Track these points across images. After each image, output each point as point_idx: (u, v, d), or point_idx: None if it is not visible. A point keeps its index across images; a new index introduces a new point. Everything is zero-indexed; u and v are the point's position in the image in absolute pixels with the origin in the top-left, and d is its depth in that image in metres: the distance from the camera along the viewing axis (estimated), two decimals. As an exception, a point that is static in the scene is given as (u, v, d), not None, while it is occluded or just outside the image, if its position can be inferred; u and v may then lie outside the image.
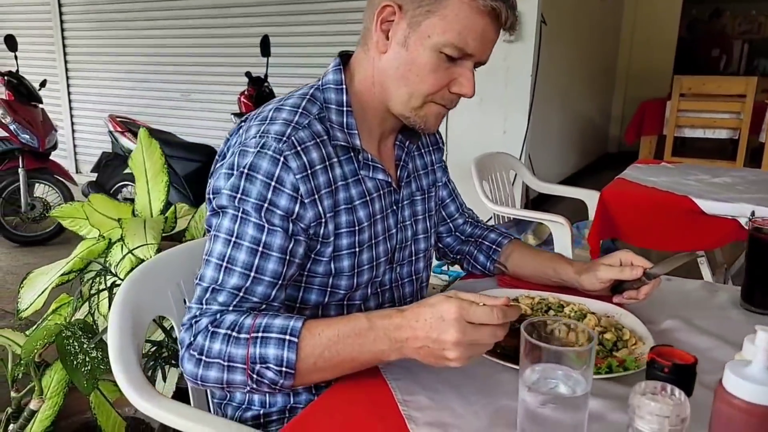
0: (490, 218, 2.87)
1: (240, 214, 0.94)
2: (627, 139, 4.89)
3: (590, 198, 2.83)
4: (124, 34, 5.51)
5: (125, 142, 4.41)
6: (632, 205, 2.27)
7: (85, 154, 6.20)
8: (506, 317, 0.80)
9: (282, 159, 0.95)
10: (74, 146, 6.29)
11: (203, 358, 0.89)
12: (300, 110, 1.02)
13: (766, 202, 2.05)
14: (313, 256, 1.02)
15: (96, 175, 4.65)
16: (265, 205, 0.94)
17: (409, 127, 1.12)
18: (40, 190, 4.60)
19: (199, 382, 0.90)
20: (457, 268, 3.15)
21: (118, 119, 4.51)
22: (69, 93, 6.10)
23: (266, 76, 4.12)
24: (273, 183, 0.94)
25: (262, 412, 1.09)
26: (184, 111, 5.38)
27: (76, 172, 6.21)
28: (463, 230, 1.40)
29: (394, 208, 1.14)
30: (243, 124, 1.05)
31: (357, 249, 1.06)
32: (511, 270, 1.32)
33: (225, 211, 0.96)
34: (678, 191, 2.20)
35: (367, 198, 1.07)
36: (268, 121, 1.00)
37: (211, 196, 0.99)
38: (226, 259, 0.94)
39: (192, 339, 0.91)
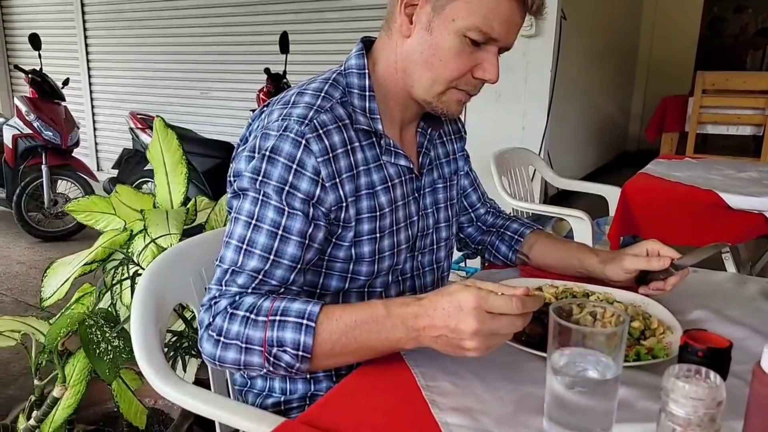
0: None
1: (261, 197, 0.94)
2: (648, 136, 4.83)
3: (611, 194, 2.80)
4: (144, 32, 5.55)
5: (146, 138, 4.44)
6: (655, 199, 2.24)
7: (107, 151, 6.25)
8: (526, 307, 0.78)
9: (304, 142, 0.95)
10: (96, 143, 6.35)
11: (221, 339, 0.90)
12: (323, 94, 1.02)
13: (793, 197, 2.02)
14: (334, 240, 1.02)
15: (117, 171, 4.70)
16: (286, 188, 0.94)
17: (432, 115, 1.11)
18: (63, 186, 4.65)
19: (218, 363, 0.91)
20: (474, 264, 3.13)
21: (139, 116, 4.55)
22: (91, 91, 6.16)
23: (285, 72, 4.13)
24: (294, 166, 0.94)
25: (282, 399, 1.09)
26: (203, 108, 5.41)
27: (98, 169, 6.27)
28: (485, 220, 1.38)
29: (416, 195, 1.13)
30: (266, 108, 1.04)
31: (378, 235, 1.05)
32: (534, 260, 1.30)
33: (246, 194, 0.95)
34: (703, 186, 2.17)
35: (389, 184, 1.06)
36: (290, 105, 1.00)
37: (232, 179, 1.00)
38: (246, 242, 0.93)
39: (211, 320, 0.91)
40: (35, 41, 4.63)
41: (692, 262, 1.07)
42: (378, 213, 1.04)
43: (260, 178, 0.94)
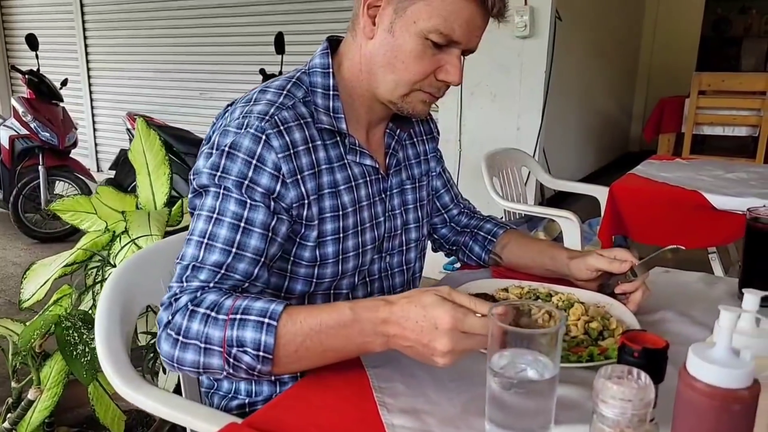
0: (502, 216, 2.85)
1: (221, 191, 0.94)
2: (645, 137, 4.82)
3: (602, 194, 2.79)
4: (144, 33, 5.57)
5: (142, 139, 4.45)
6: (641, 200, 2.24)
7: (106, 152, 6.27)
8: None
9: (264, 137, 0.95)
10: (95, 144, 6.37)
11: (180, 338, 0.86)
12: (285, 92, 1.02)
13: (779, 197, 2.01)
14: (298, 240, 1.02)
15: (114, 172, 4.71)
16: (246, 182, 0.93)
17: (401, 116, 1.11)
18: (60, 187, 4.67)
19: (176, 365, 0.88)
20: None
21: (135, 117, 4.56)
22: (90, 92, 6.18)
23: (281, 73, 4.12)
24: (254, 161, 0.94)
25: (247, 401, 1.09)
26: (201, 109, 5.42)
27: (98, 170, 6.29)
28: (459, 221, 1.38)
29: (383, 196, 1.13)
30: (230, 107, 1.04)
31: (341, 235, 1.05)
32: (506, 260, 1.30)
33: (207, 190, 0.95)
34: (688, 186, 2.16)
35: (353, 183, 1.06)
36: (252, 103, 1.00)
37: (192, 177, 0.99)
38: (207, 236, 0.92)
39: (170, 318, 0.88)
40: (32, 42, 4.65)
41: (648, 269, 1.06)
42: (341, 212, 1.04)
43: (219, 173, 0.94)
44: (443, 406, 0.80)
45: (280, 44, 3.97)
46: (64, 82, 4.85)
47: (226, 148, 0.94)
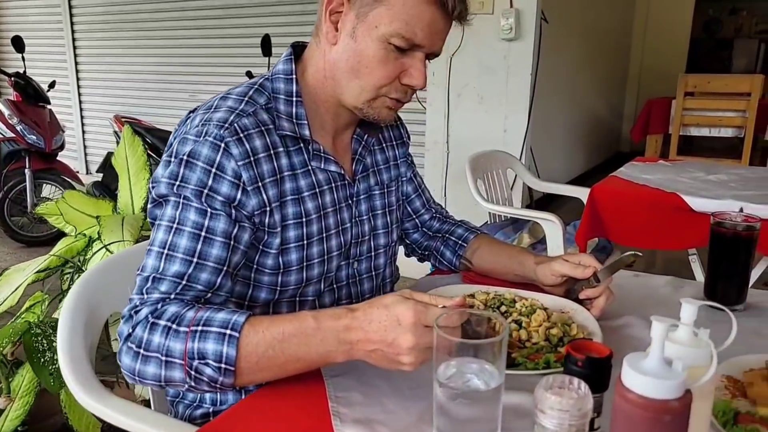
0: (487, 220, 2.85)
1: (181, 201, 0.93)
2: (633, 138, 4.84)
3: (585, 196, 2.80)
4: (133, 35, 5.55)
5: (129, 142, 4.44)
6: (622, 202, 2.24)
7: (95, 154, 6.25)
8: (461, 319, 0.75)
9: (223, 145, 0.94)
10: (84, 147, 6.34)
11: (141, 351, 0.86)
12: (246, 99, 1.01)
13: (757, 199, 2.02)
14: (261, 247, 1.01)
15: (102, 175, 4.69)
16: (205, 191, 0.93)
17: (368, 121, 1.10)
18: (47, 190, 4.64)
19: (137, 378, 0.87)
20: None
21: (123, 119, 4.55)
22: (79, 94, 6.15)
23: (268, 76, 4.13)
24: (213, 169, 0.93)
25: (212, 410, 1.08)
26: (190, 111, 5.40)
27: (86, 173, 6.27)
28: (431, 225, 1.38)
29: (349, 202, 1.13)
30: (192, 114, 1.04)
31: (305, 241, 1.04)
32: (477, 265, 1.30)
33: (167, 200, 0.95)
34: (668, 188, 2.16)
35: (317, 190, 1.06)
36: (212, 110, 1.00)
37: (151, 186, 0.98)
38: (167, 246, 0.91)
39: (131, 330, 0.87)
40: (18, 44, 4.62)
41: (610, 274, 1.06)
42: (304, 219, 1.04)
43: (178, 182, 0.93)
44: (398, 415, 0.80)
45: (266, 46, 3.96)
46: (52, 84, 4.83)
47: (185, 157, 0.94)
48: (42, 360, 1.37)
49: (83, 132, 6.29)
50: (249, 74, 4.10)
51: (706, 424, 0.63)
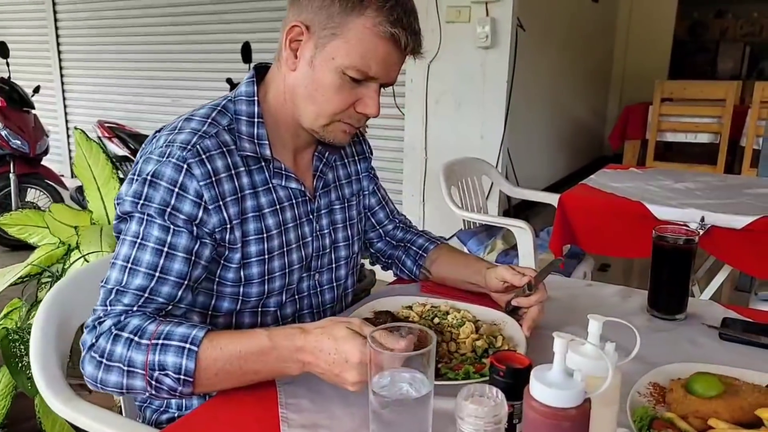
0: (461, 227, 2.91)
1: (145, 217, 0.98)
2: (612, 144, 4.92)
3: (558, 203, 2.86)
4: (117, 40, 5.58)
5: (113, 148, 4.48)
6: (589, 210, 2.30)
7: (80, 158, 6.26)
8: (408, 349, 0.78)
9: (185, 166, 0.99)
10: (69, 151, 6.36)
11: (104, 361, 0.91)
12: (209, 120, 1.06)
13: (719, 208, 2.08)
14: (222, 262, 1.06)
15: (86, 180, 4.71)
16: (168, 209, 0.98)
17: None
18: (32, 194, 4.66)
19: (99, 386, 0.92)
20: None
21: (107, 125, 4.58)
22: (64, 99, 6.17)
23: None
24: (176, 189, 0.98)
25: (177, 414, 1.13)
26: (173, 116, 5.28)
27: (72, 177, 6.28)
28: (394, 235, 1.43)
29: (310, 217, 1.18)
30: (157, 134, 1.08)
31: (267, 256, 1.09)
32: (436, 274, 1.35)
33: (131, 216, 0.99)
34: (634, 197, 2.23)
35: (278, 206, 1.11)
36: (176, 131, 1.05)
37: (116, 202, 1.03)
38: (131, 261, 0.96)
39: (94, 341, 0.93)
40: (3, 49, 4.65)
41: (542, 280, 1.12)
42: (265, 235, 1.09)
43: (142, 201, 0.98)
44: (343, 421, 0.85)
45: (247, 54, 4.01)
46: (37, 89, 4.85)
47: (149, 177, 0.98)
48: (19, 365, 1.42)
49: (68, 136, 6.31)
50: (229, 81, 4.15)
51: (611, 428, 0.69)
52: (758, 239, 1.96)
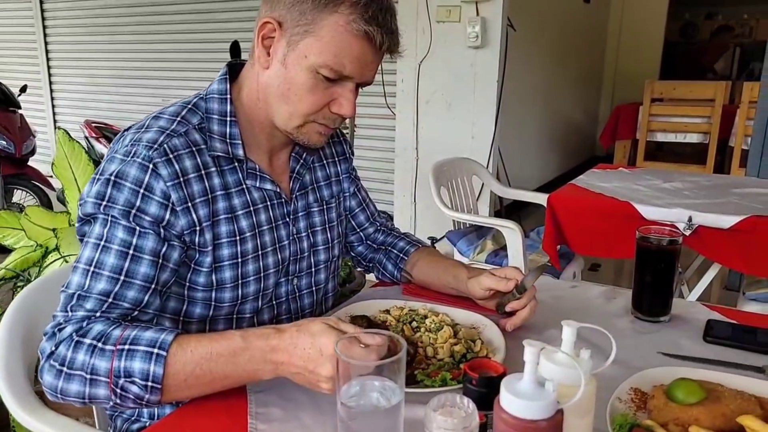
0: (451, 227, 2.89)
1: (109, 219, 0.94)
2: (602, 144, 4.91)
3: (547, 203, 2.84)
4: (105, 39, 5.53)
5: (100, 148, 4.44)
6: (577, 211, 2.28)
7: (69, 159, 6.21)
8: (381, 353, 0.76)
9: (151, 166, 0.95)
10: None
11: (65, 369, 0.86)
12: (178, 119, 1.03)
13: (707, 208, 2.07)
14: (192, 266, 1.03)
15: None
16: (133, 211, 0.94)
17: None
18: (18, 195, 4.62)
19: (59, 396, 0.88)
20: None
21: (94, 125, 4.54)
22: (52, 98, 6.12)
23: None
24: (141, 190, 0.94)
25: (148, 424, 1.09)
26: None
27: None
28: (375, 238, 1.40)
29: (287, 219, 1.15)
30: (125, 132, 1.04)
31: (240, 260, 1.06)
32: (417, 278, 1.33)
33: (95, 217, 0.95)
34: (622, 197, 2.21)
35: (251, 208, 1.08)
36: (143, 129, 1.01)
37: (79, 204, 0.99)
38: (93, 264, 0.92)
39: (54, 348, 0.88)
40: (-12, 50, 4.60)
41: (531, 283, 1.09)
42: (238, 237, 1.06)
43: (105, 202, 0.94)
44: (314, 429, 0.82)
45: (236, 52, 3.97)
46: (23, 89, 4.81)
47: (113, 177, 0.94)
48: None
49: (56, 137, 6.25)
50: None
51: (586, 439, 0.67)
52: (745, 239, 1.95)
